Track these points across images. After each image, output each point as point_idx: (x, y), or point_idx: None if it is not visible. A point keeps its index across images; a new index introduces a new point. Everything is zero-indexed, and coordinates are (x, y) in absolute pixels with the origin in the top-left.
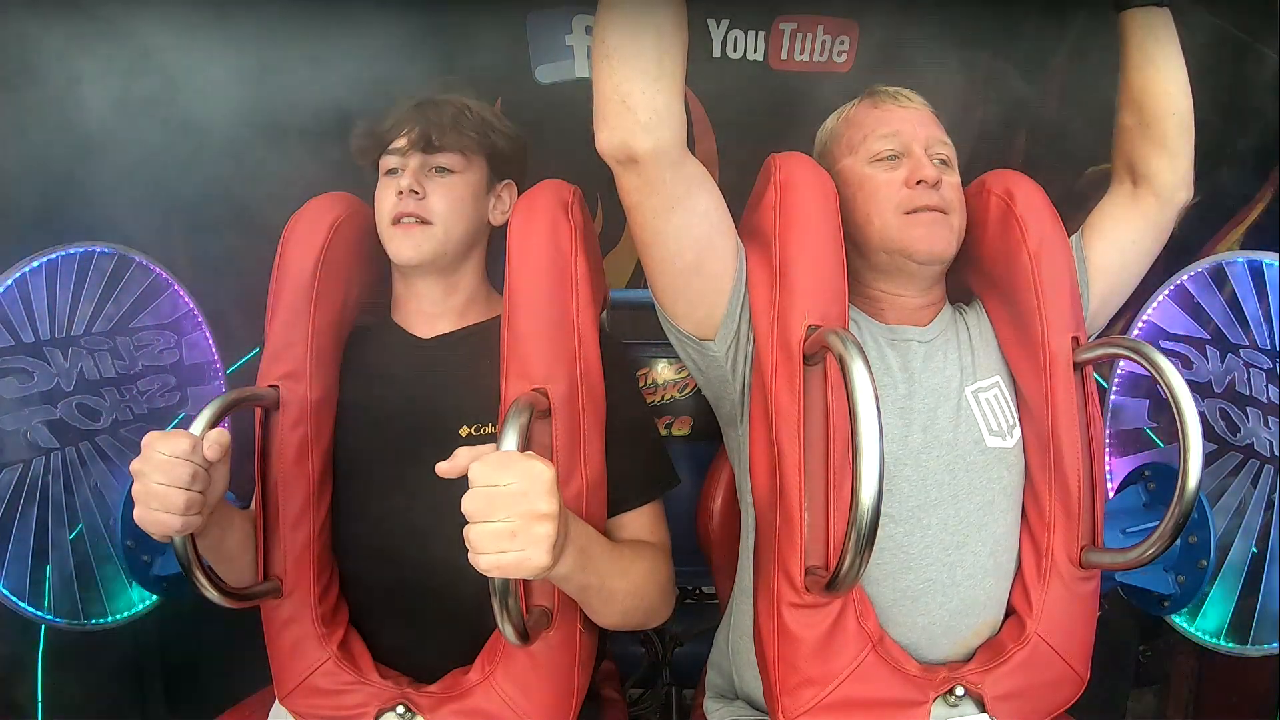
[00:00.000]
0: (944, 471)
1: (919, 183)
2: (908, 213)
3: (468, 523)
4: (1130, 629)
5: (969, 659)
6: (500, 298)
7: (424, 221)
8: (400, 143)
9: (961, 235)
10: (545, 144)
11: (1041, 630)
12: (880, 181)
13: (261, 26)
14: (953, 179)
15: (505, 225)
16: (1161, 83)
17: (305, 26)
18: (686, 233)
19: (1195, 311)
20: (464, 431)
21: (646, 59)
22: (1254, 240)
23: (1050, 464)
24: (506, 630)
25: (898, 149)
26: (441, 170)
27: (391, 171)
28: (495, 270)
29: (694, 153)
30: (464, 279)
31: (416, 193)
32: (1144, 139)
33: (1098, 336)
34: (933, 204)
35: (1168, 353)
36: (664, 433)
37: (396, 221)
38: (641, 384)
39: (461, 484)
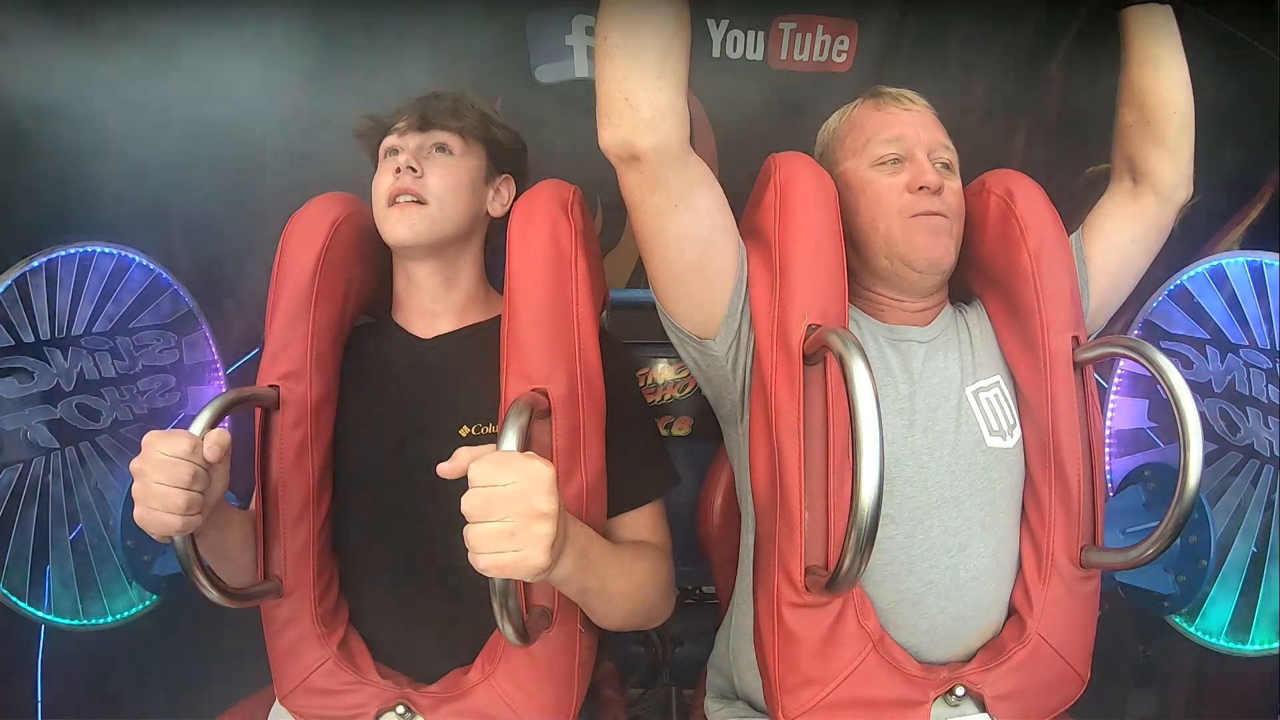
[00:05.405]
0: (945, 473)
1: (921, 188)
2: (911, 218)
3: (467, 523)
4: (1130, 629)
5: (970, 659)
6: (500, 298)
7: (420, 201)
8: (400, 124)
9: (960, 242)
10: (545, 144)
11: (1042, 630)
12: (883, 186)
13: (260, 28)
14: (954, 184)
15: (504, 222)
16: (1163, 80)
17: (304, 27)
18: (689, 231)
19: (1195, 311)
20: (464, 431)
21: (649, 57)
22: (1254, 240)
23: (1050, 464)
24: (506, 630)
25: (900, 153)
26: (440, 150)
27: (390, 153)
28: (495, 270)
29: None
30: (463, 272)
31: (414, 170)
32: (1144, 136)
33: (1098, 336)
34: (934, 209)
35: (1168, 353)
36: (664, 433)
37: (393, 201)
38: (641, 384)
39: (462, 484)
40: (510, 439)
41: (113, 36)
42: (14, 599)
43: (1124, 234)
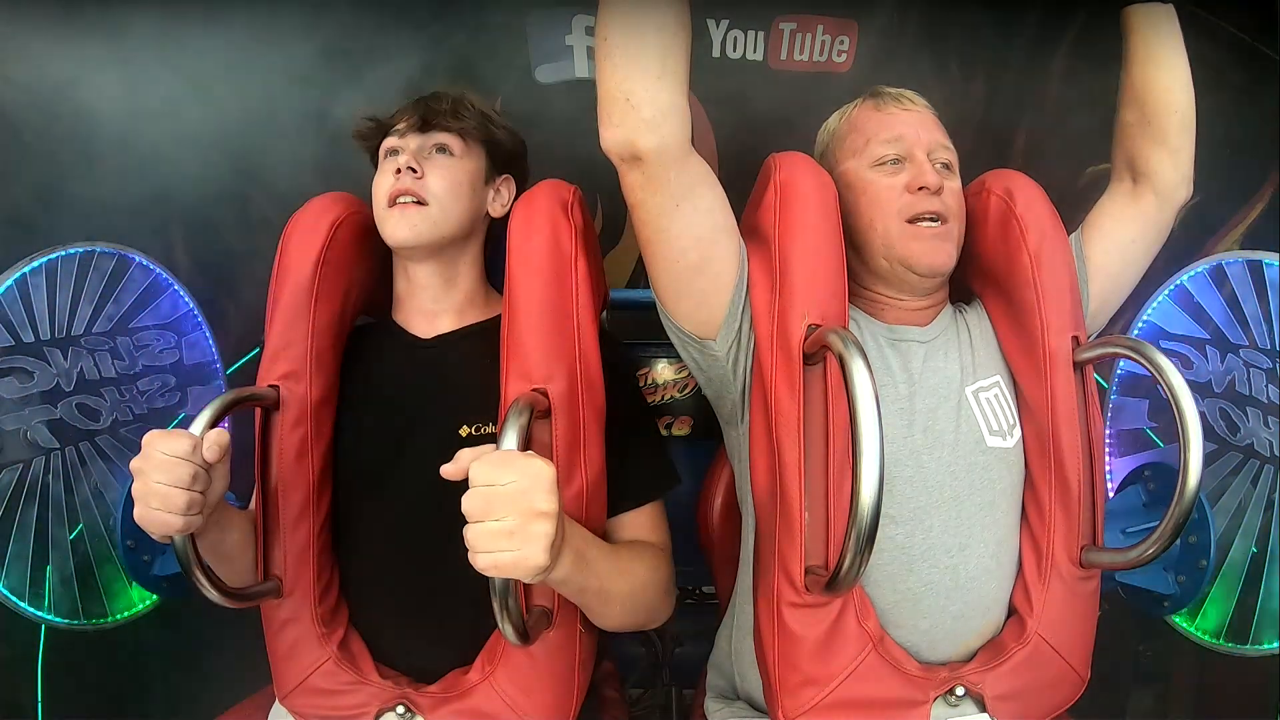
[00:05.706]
0: (944, 472)
1: (921, 189)
2: (910, 221)
3: (467, 522)
4: (1130, 629)
5: (970, 659)
6: (500, 298)
7: (420, 202)
8: (400, 125)
9: (960, 242)
10: (545, 144)
11: (1042, 630)
12: (882, 187)
13: (260, 28)
14: (954, 184)
15: (504, 222)
16: (1164, 79)
17: (305, 27)
18: (690, 230)
19: (1195, 311)
20: (464, 431)
21: (649, 56)
22: (1254, 240)
23: (1050, 464)
24: (506, 630)
25: (900, 153)
26: (440, 150)
27: (391, 154)
28: (495, 270)
29: None
30: (463, 271)
31: (414, 170)
32: (1145, 135)
33: (1098, 336)
34: (934, 210)
35: (1168, 353)
36: (664, 433)
37: (393, 202)
38: (641, 384)
39: (462, 483)
40: (510, 439)
41: (113, 35)
42: (14, 599)
43: (1124, 234)
